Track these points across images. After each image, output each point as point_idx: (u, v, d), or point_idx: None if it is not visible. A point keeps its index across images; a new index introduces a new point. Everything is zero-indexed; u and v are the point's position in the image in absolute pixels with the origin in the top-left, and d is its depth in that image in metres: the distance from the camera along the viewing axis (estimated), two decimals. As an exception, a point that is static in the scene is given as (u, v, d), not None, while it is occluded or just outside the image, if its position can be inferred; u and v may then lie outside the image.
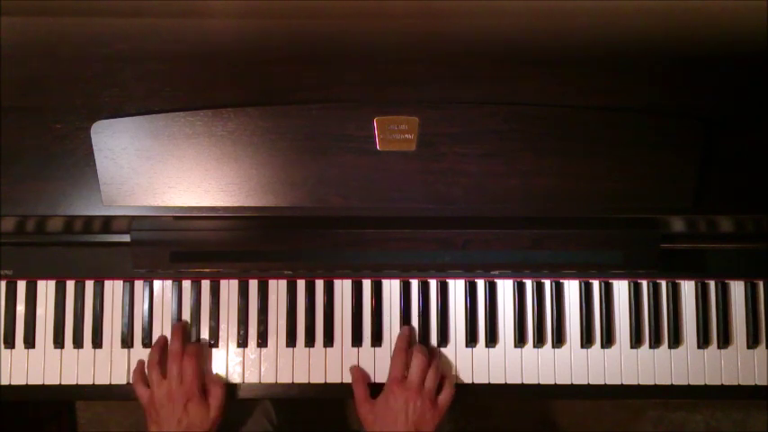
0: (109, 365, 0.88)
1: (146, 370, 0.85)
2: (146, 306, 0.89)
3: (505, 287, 0.90)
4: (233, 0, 0.73)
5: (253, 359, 0.88)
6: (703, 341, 0.89)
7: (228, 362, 0.89)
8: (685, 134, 0.74)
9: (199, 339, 0.89)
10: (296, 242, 0.82)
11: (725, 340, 0.89)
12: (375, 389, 0.86)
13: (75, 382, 0.88)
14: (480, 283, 0.90)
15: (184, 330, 0.88)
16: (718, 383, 0.89)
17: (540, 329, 0.89)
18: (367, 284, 0.90)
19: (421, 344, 0.88)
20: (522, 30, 0.76)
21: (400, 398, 0.81)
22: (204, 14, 0.75)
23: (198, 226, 0.81)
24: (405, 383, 0.82)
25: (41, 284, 0.89)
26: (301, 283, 0.90)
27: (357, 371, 0.88)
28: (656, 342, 0.89)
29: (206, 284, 0.89)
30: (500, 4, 0.74)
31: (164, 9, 0.75)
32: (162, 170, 0.74)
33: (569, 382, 0.89)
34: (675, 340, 0.89)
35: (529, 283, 0.90)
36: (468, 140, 0.73)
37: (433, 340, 0.89)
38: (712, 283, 0.90)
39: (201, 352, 0.87)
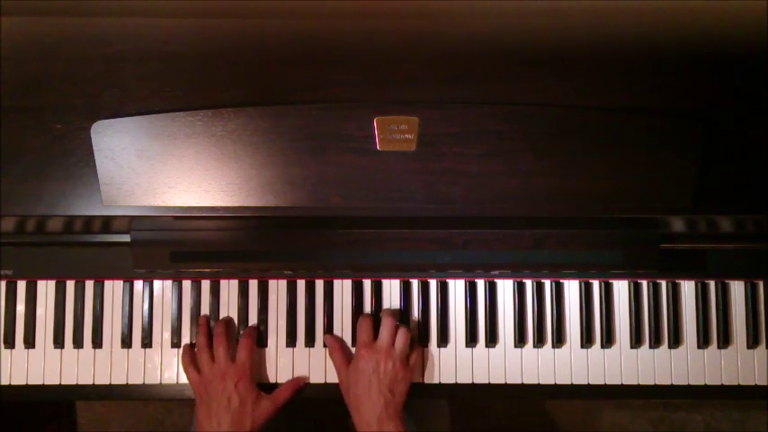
0: (109, 365, 0.88)
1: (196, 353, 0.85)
2: (146, 306, 0.89)
3: (505, 287, 0.90)
4: (233, 0, 0.73)
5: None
6: (703, 341, 0.89)
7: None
8: (685, 134, 0.74)
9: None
10: (296, 242, 0.82)
11: (725, 340, 0.89)
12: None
13: (75, 382, 0.88)
14: (480, 283, 0.90)
15: (229, 318, 0.89)
16: (718, 383, 0.89)
17: (540, 329, 0.89)
18: (367, 284, 0.90)
19: (387, 308, 0.89)
20: (522, 30, 0.76)
21: (371, 361, 0.81)
22: (204, 14, 0.75)
23: (198, 226, 0.81)
24: (374, 346, 0.82)
25: (41, 284, 0.89)
26: (301, 283, 0.90)
27: (331, 339, 0.87)
28: (656, 342, 0.89)
29: (206, 284, 0.89)
30: (500, 4, 0.74)
31: (164, 9, 0.75)
32: (162, 170, 0.74)
33: (569, 382, 0.89)
34: (675, 340, 0.89)
35: (529, 283, 0.90)
36: (467, 140, 0.73)
37: (433, 340, 0.89)
38: (712, 283, 0.90)
39: (255, 334, 0.87)
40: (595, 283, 0.90)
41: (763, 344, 0.90)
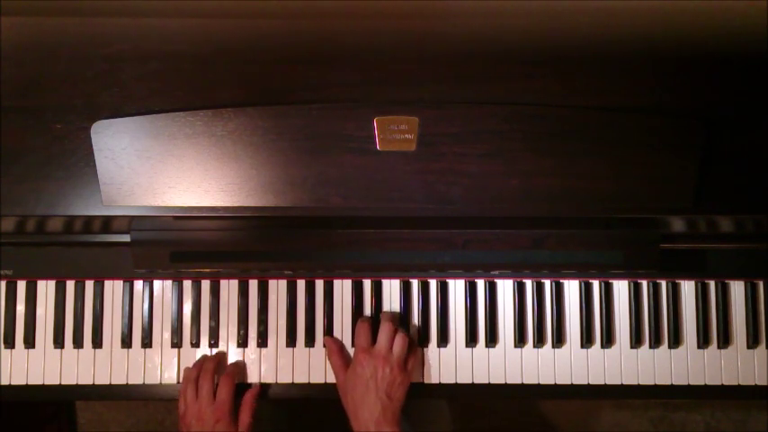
0: (109, 365, 0.88)
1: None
2: (146, 306, 0.89)
3: (505, 287, 0.90)
4: (233, 0, 0.73)
5: (253, 359, 0.88)
6: (703, 341, 0.89)
7: (228, 362, 0.88)
8: (685, 134, 0.74)
9: (199, 340, 0.89)
10: (296, 242, 0.82)
11: (725, 340, 0.89)
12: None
13: (75, 382, 0.88)
14: (480, 283, 0.90)
15: (222, 354, 0.89)
16: (719, 383, 0.89)
17: (540, 329, 0.89)
18: (367, 284, 0.90)
19: (386, 312, 0.89)
20: (523, 30, 0.76)
21: (368, 366, 0.81)
22: (204, 14, 0.75)
23: (198, 226, 0.81)
24: (372, 351, 0.82)
25: (41, 284, 0.89)
26: (301, 283, 0.90)
27: (330, 341, 0.88)
28: (656, 342, 0.89)
29: (206, 284, 0.89)
30: (500, 4, 0.74)
31: (164, 9, 0.75)
32: (162, 170, 0.74)
33: (569, 382, 0.89)
34: (675, 340, 0.89)
35: (529, 283, 0.90)
36: (468, 140, 0.73)
37: (433, 340, 0.89)
38: (712, 283, 0.90)
39: (239, 372, 0.87)
40: (595, 283, 0.90)
41: (763, 344, 0.90)
